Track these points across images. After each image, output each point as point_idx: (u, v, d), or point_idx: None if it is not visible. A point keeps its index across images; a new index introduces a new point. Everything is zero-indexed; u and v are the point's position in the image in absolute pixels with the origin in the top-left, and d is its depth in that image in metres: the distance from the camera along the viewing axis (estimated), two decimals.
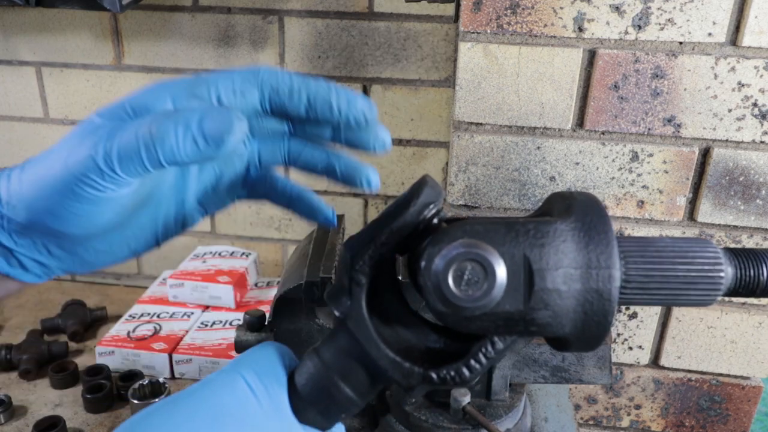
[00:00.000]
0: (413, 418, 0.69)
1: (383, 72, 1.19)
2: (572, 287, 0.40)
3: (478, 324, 0.41)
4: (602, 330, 0.41)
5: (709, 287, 0.43)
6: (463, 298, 0.39)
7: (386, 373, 0.42)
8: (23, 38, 1.26)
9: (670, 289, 0.42)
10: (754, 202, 0.90)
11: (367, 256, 0.42)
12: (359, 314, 0.42)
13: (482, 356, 0.42)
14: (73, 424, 0.96)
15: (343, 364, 0.43)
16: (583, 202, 0.42)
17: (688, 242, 0.43)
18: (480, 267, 0.39)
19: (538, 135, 0.92)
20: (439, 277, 0.39)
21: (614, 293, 0.40)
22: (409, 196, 0.43)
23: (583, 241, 0.40)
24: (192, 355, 1.05)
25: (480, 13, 0.87)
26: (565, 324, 0.41)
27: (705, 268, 0.42)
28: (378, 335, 0.42)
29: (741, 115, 0.87)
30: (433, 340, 0.44)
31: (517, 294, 0.40)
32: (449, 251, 0.39)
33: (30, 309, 1.26)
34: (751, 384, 1.01)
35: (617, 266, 0.40)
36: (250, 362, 0.43)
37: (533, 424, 0.77)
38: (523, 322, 0.40)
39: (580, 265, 0.40)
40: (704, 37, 0.84)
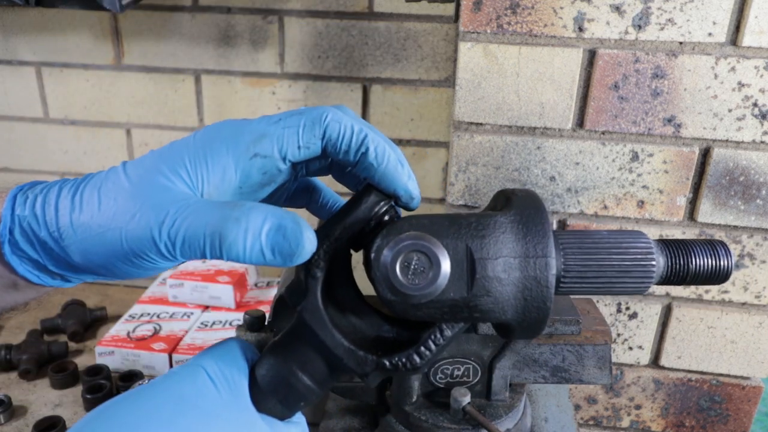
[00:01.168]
0: (413, 418, 0.69)
1: (383, 72, 1.19)
2: (512, 275, 0.43)
3: (425, 311, 0.44)
4: (542, 316, 0.44)
5: (643, 276, 0.46)
6: (410, 286, 0.42)
7: (342, 361, 0.45)
8: (23, 38, 1.26)
9: (607, 278, 0.46)
10: (754, 202, 0.90)
11: (321, 251, 0.44)
12: (315, 306, 0.45)
13: (431, 343, 0.45)
14: (73, 424, 0.96)
15: (301, 354, 0.45)
16: (522, 197, 0.46)
17: (623, 234, 0.47)
18: (425, 257, 0.42)
19: (538, 135, 0.92)
20: (388, 267, 0.42)
21: (551, 280, 0.43)
22: (359, 195, 0.46)
23: (521, 232, 0.43)
24: (192, 356, 1.05)
25: (480, 13, 0.87)
26: (507, 309, 0.43)
27: (638, 257, 0.46)
28: (333, 325, 0.45)
29: (741, 115, 0.87)
30: (385, 330, 0.47)
31: (461, 282, 0.43)
32: (396, 243, 0.42)
33: (30, 309, 1.26)
34: (751, 384, 1.01)
35: (553, 255, 0.43)
36: (212, 354, 0.44)
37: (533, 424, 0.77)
38: (467, 309, 0.43)
39: (518, 254, 0.43)
40: (704, 37, 0.84)
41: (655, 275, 0.46)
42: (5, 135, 1.35)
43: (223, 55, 1.22)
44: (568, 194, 0.94)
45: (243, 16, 1.19)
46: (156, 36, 1.23)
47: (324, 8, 1.16)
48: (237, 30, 1.20)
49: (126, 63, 1.26)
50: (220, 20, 1.20)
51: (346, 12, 1.16)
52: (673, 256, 0.47)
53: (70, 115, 1.32)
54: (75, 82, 1.28)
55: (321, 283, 0.45)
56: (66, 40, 1.25)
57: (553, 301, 0.43)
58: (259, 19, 1.19)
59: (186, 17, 1.20)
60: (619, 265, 0.45)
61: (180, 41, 1.22)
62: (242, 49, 1.21)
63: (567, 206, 0.94)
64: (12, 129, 1.35)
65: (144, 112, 1.30)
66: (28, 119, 1.33)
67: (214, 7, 1.19)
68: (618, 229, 0.49)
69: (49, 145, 1.35)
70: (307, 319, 0.45)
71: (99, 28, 1.24)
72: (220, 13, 1.20)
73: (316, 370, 0.45)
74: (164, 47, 1.23)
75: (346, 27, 1.17)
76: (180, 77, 1.25)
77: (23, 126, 1.34)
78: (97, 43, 1.25)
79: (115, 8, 0.94)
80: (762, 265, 0.94)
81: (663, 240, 0.48)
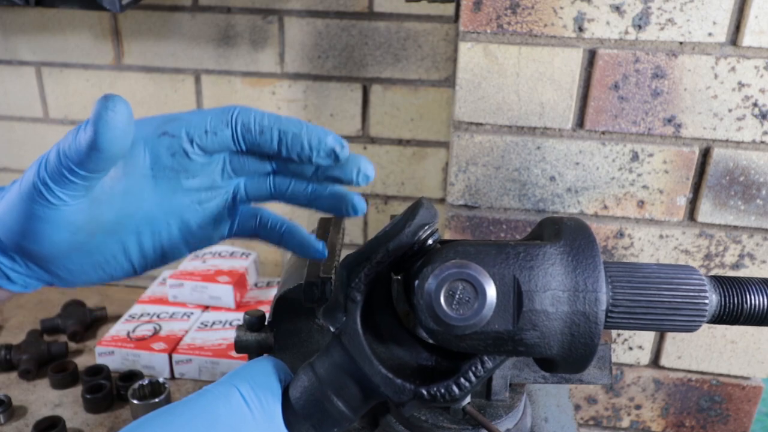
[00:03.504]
0: (413, 418, 0.69)
1: (383, 72, 1.19)
2: (560, 309, 0.41)
3: (468, 342, 0.42)
4: (589, 352, 0.42)
5: (694, 314, 0.44)
6: (455, 317, 0.41)
7: (378, 389, 0.43)
8: (23, 38, 1.26)
9: (656, 315, 0.44)
10: (754, 202, 0.90)
11: (362, 274, 0.43)
12: (354, 330, 0.44)
13: (472, 375, 0.44)
14: (73, 424, 0.96)
15: (337, 378, 0.44)
16: (573, 228, 0.44)
17: (674, 269, 0.45)
18: (471, 287, 0.41)
19: (538, 135, 0.92)
20: (432, 296, 0.41)
21: (600, 316, 0.41)
22: (405, 217, 0.44)
23: (571, 264, 0.42)
24: (192, 355, 1.05)
25: (480, 13, 0.87)
26: (553, 345, 0.42)
27: (690, 295, 0.44)
28: (371, 351, 0.44)
29: (741, 115, 0.87)
30: (424, 358, 0.46)
31: (507, 314, 0.41)
32: (442, 271, 0.41)
33: (30, 309, 1.26)
34: (751, 384, 1.01)
35: (603, 290, 0.41)
36: (246, 375, 0.44)
37: (533, 424, 0.77)
38: (512, 342, 0.42)
39: (567, 288, 0.41)
40: (704, 37, 0.84)
41: (707, 314, 0.44)
42: (5, 135, 1.35)
43: (223, 55, 1.22)
44: (568, 194, 0.94)
45: (243, 16, 1.19)
46: (156, 36, 1.23)
47: (324, 8, 1.16)
48: (237, 30, 1.20)
49: (126, 63, 1.26)
50: (220, 20, 1.20)
51: (346, 12, 1.16)
52: (727, 295, 0.45)
53: (70, 115, 1.32)
54: (75, 82, 1.28)
55: (360, 307, 0.44)
56: (66, 40, 1.25)
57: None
58: (259, 19, 1.19)
59: (186, 17, 1.20)
60: (670, 302, 0.43)
61: (180, 41, 1.22)
62: (242, 49, 1.21)
63: (567, 206, 0.94)
64: (12, 129, 1.35)
65: (144, 112, 1.30)
66: (28, 119, 1.33)
67: (214, 7, 1.19)
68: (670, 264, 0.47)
69: (49, 145, 1.35)
70: (345, 344, 0.44)
71: (99, 28, 1.24)
72: (220, 13, 1.20)
73: (351, 396, 0.44)
74: (164, 47, 1.23)
75: (346, 27, 1.17)
76: (180, 77, 1.25)
77: (23, 126, 1.34)
78: (97, 43, 1.25)
79: (115, 8, 0.94)
80: (762, 265, 0.94)
81: (717, 277, 0.46)
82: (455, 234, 0.98)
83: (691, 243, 0.94)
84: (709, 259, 0.94)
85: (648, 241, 0.95)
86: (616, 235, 0.95)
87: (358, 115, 1.23)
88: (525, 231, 0.97)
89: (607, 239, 0.96)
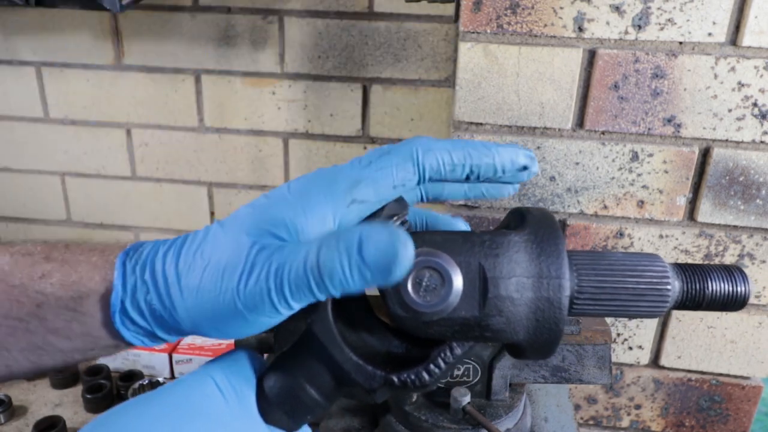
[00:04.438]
0: (413, 418, 0.69)
1: (383, 72, 1.19)
2: (524, 295, 0.42)
3: (435, 329, 0.43)
4: (554, 337, 0.43)
5: (658, 299, 0.45)
6: (422, 303, 0.42)
7: (349, 375, 0.44)
8: (23, 38, 1.26)
9: (621, 301, 0.45)
10: (754, 202, 0.90)
11: None
12: (325, 319, 0.44)
13: (441, 361, 0.44)
14: (73, 424, 0.96)
15: (309, 366, 0.45)
16: (537, 217, 0.45)
17: (638, 257, 0.46)
18: (438, 274, 0.42)
19: (538, 135, 0.92)
20: (400, 283, 0.41)
21: (564, 302, 0.42)
22: (378, 209, 0.45)
23: (535, 252, 0.43)
24: (192, 355, 1.05)
25: (480, 13, 0.87)
26: (519, 330, 0.43)
27: (653, 281, 0.45)
28: (342, 339, 0.44)
29: (741, 115, 0.87)
30: (395, 346, 0.47)
31: (473, 301, 0.42)
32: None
33: None
34: (751, 384, 1.01)
35: (567, 276, 0.42)
36: (220, 364, 0.44)
37: (533, 424, 0.77)
38: (479, 328, 0.43)
39: (532, 274, 0.42)
40: (704, 37, 0.84)
41: (670, 299, 0.45)
42: (5, 135, 1.35)
43: (223, 55, 1.22)
44: (568, 194, 0.94)
45: (243, 16, 1.19)
46: (156, 36, 1.23)
47: (324, 8, 1.16)
48: (237, 30, 1.20)
49: (126, 63, 1.26)
50: (220, 20, 1.20)
51: (346, 12, 1.16)
52: (689, 281, 0.46)
53: (70, 115, 1.32)
54: (75, 82, 1.28)
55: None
56: (66, 40, 1.25)
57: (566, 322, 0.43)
58: (259, 19, 1.19)
59: (186, 17, 1.20)
60: (633, 288, 0.44)
61: (180, 41, 1.22)
62: (242, 49, 1.21)
63: (567, 206, 0.94)
64: (12, 129, 1.35)
65: (144, 112, 1.30)
66: (28, 119, 1.33)
67: (214, 7, 1.19)
68: (634, 252, 0.48)
69: (49, 145, 1.35)
70: (316, 332, 0.44)
71: (99, 28, 1.24)
72: (220, 13, 1.20)
73: (324, 384, 0.45)
74: (164, 47, 1.23)
75: (346, 27, 1.17)
76: (180, 77, 1.25)
77: (23, 126, 1.34)
78: (97, 43, 1.25)
79: (115, 8, 0.94)
80: (762, 265, 0.94)
81: (679, 264, 0.47)
82: None
83: (691, 243, 0.94)
84: (709, 259, 0.94)
85: (648, 241, 0.95)
86: (615, 235, 0.95)
87: (358, 115, 1.23)
88: None
89: (606, 239, 0.96)
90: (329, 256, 0.38)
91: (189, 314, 0.41)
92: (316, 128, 1.25)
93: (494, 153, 0.46)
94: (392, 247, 0.37)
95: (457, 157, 0.45)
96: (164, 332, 0.43)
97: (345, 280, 0.38)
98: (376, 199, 0.44)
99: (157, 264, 0.42)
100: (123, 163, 1.35)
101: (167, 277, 0.41)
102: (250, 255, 0.40)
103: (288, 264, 0.39)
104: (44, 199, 1.41)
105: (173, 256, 0.42)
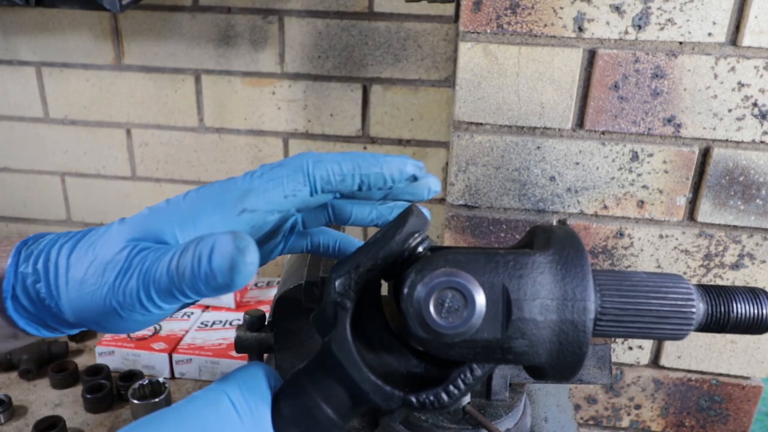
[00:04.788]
0: (413, 418, 0.69)
1: (383, 72, 1.19)
2: (548, 318, 0.41)
3: (457, 350, 0.42)
4: (577, 360, 0.42)
5: (682, 322, 0.44)
6: (444, 325, 0.41)
7: (368, 395, 0.43)
8: (23, 38, 1.26)
9: (644, 323, 0.44)
10: (754, 202, 0.90)
11: (352, 282, 0.43)
12: (343, 338, 0.44)
13: (461, 382, 0.44)
14: (73, 424, 0.96)
15: (326, 385, 0.44)
16: (562, 236, 0.44)
17: (662, 277, 0.45)
18: (460, 295, 0.41)
19: (538, 135, 0.92)
20: (421, 304, 0.41)
21: (588, 325, 0.41)
22: (395, 224, 0.44)
23: (560, 273, 0.42)
24: (192, 355, 1.05)
25: (480, 13, 0.87)
26: (541, 353, 0.42)
27: (678, 303, 0.44)
28: (361, 359, 0.44)
29: (741, 115, 0.87)
30: (414, 365, 0.46)
31: (495, 323, 0.41)
32: (431, 279, 0.41)
33: None
34: (751, 384, 1.01)
35: (592, 299, 0.41)
36: (235, 380, 0.44)
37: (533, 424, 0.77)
38: (501, 350, 0.42)
39: (556, 296, 0.41)
40: (704, 37, 0.84)
41: (694, 322, 0.44)
42: (5, 135, 1.35)
43: (223, 55, 1.22)
44: (568, 194, 0.94)
45: (243, 16, 1.19)
46: (156, 36, 1.23)
47: (324, 8, 1.16)
48: (237, 30, 1.20)
49: (126, 63, 1.26)
50: (220, 20, 1.20)
51: (346, 12, 1.16)
52: (713, 303, 0.45)
53: (70, 115, 1.32)
54: (75, 82, 1.28)
55: (350, 314, 0.44)
56: (66, 40, 1.25)
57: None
58: (259, 19, 1.19)
59: (186, 17, 1.20)
60: (657, 309, 0.44)
61: (180, 41, 1.22)
62: (242, 49, 1.21)
63: (567, 206, 0.94)
64: (12, 129, 1.35)
65: (144, 112, 1.30)
66: (28, 119, 1.33)
67: (214, 7, 1.19)
68: (657, 272, 0.47)
69: (49, 145, 1.35)
70: (335, 351, 0.44)
71: (99, 28, 1.24)
72: (220, 13, 1.20)
73: (341, 403, 0.44)
74: (164, 47, 1.23)
75: (346, 27, 1.17)
76: (180, 77, 1.25)
77: (23, 126, 1.34)
78: (97, 43, 1.25)
79: (115, 8, 0.94)
80: (762, 265, 0.94)
81: (703, 285, 0.47)
82: (455, 234, 0.98)
83: (691, 243, 0.94)
84: (709, 259, 0.94)
85: (648, 241, 0.95)
86: (615, 235, 0.95)
87: (358, 115, 1.23)
88: (525, 231, 0.97)
89: (606, 239, 0.96)
90: (184, 261, 0.39)
91: (72, 305, 0.42)
92: (316, 128, 1.25)
93: (382, 163, 0.46)
94: (232, 255, 0.37)
95: (347, 167, 0.45)
96: (54, 322, 0.44)
97: (196, 284, 0.38)
98: (267, 209, 0.44)
99: (52, 254, 0.43)
100: (123, 163, 1.35)
101: (58, 267, 0.42)
102: (130, 255, 0.41)
103: (156, 265, 0.40)
104: (44, 199, 1.41)
105: (68, 248, 0.43)
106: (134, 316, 0.41)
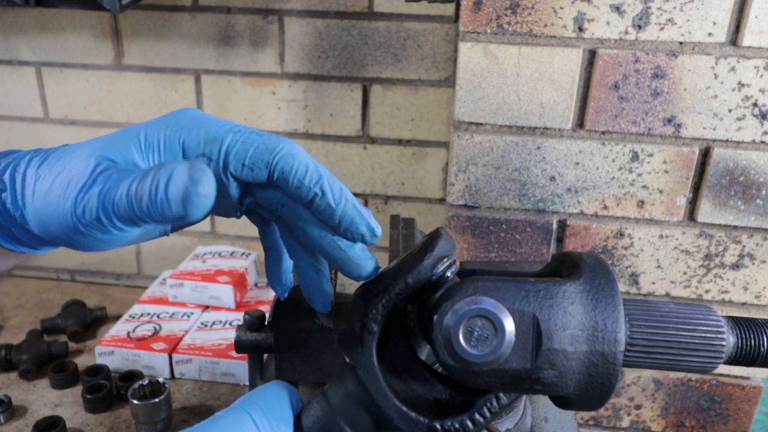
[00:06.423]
0: None
1: (383, 72, 1.19)
2: (578, 349, 0.41)
3: (485, 379, 0.42)
4: (605, 391, 0.42)
5: (711, 355, 0.43)
6: (473, 353, 0.40)
7: (391, 421, 0.43)
8: (23, 38, 1.26)
9: (672, 355, 0.43)
10: (754, 202, 0.90)
11: (380, 305, 0.43)
12: (369, 362, 0.44)
13: (486, 410, 0.43)
14: (73, 424, 0.96)
15: (350, 409, 0.44)
16: (592, 265, 0.43)
17: (692, 308, 0.44)
18: (490, 324, 0.40)
19: (538, 135, 0.92)
20: (450, 331, 0.40)
21: (619, 357, 0.41)
22: (423, 248, 0.44)
23: (590, 303, 0.41)
24: (192, 356, 1.05)
25: (480, 13, 0.87)
26: (570, 384, 0.42)
27: (708, 336, 0.43)
28: (386, 384, 0.43)
29: (741, 115, 0.87)
30: (439, 391, 0.46)
31: (525, 352, 0.41)
32: (461, 307, 0.40)
33: (30, 309, 1.26)
34: (751, 384, 1.01)
35: (623, 330, 0.41)
36: (258, 401, 0.44)
37: (533, 424, 0.77)
38: (529, 381, 0.42)
39: (586, 327, 0.41)
40: (704, 37, 0.84)
41: (724, 355, 0.44)
42: (5, 135, 1.35)
43: (223, 55, 1.22)
44: (568, 194, 0.94)
45: (243, 16, 1.19)
46: (156, 36, 1.23)
47: (324, 8, 1.16)
48: (237, 30, 1.20)
49: (126, 63, 1.26)
50: (220, 20, 1.20)
51: (346, 12, 1.16)
52: (744, 336, 0.45)
53: (70, 115, 1.32)
54: (75, 82, 1.28)
55: (377, 338, 0.44)
56: (66, 40, 1.25)
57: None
58: (259, 19, 1.19)
59: (186, 17, 1.20)
60: (687, 342, 0.43)
61: (180, 41, 1.22)
62: (242, 49, 1.21)
63: (567, 206, 0.94)
64: (12, 129, 1.35)
65: (144, 112, 1.30)
66: (28, 119, 1.33)
67: (214, 7, 1.19)
68: (686, 303, 0.47)
69: (49, 145, 1.35)
70: (360, 376, 0.44)
71: (99, 28, 1.24)
72: (220, 13, 1.20)
73: (364, 427, 0.44)
74: (164, 47, 1.23)
75: (346, 27, 1.17)
76: (180, 77, 1.25)
77: (23, 126, 1.34)
78: (97, 43, 1.25)
79: (115, 8, 0.94)
80: (762, 265, 0.94)
81: (733, 318, 0.46)
82: (455, 234, 0.98)
83: (691, 243, 0.94)
84: (709, 259, 0.94)
85: (648, 241, 0.95)
86: (615, 235, 0.95)
87: (358, 115, 1.23)
88: (524, 231, 0.97)
89: (607, 239, 0.96)
90: (143, 186, 0.38)
91: (36, 216, 0.43)
92: (316, 128, 1.25)
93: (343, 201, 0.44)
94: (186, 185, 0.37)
95: (310, 178, 0.44)
96: (20, 233, 0.44)
97: (152, 210, 0.38)
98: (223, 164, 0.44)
99: (21, 166, 0.43)
100: None
101: (26, 178, 0.43)
102: (95, 171, 0.41)
103: (117, 187, 0.40)
104: None
105: (38, 160, 0.43)
106: (95, 233, 0.41)
